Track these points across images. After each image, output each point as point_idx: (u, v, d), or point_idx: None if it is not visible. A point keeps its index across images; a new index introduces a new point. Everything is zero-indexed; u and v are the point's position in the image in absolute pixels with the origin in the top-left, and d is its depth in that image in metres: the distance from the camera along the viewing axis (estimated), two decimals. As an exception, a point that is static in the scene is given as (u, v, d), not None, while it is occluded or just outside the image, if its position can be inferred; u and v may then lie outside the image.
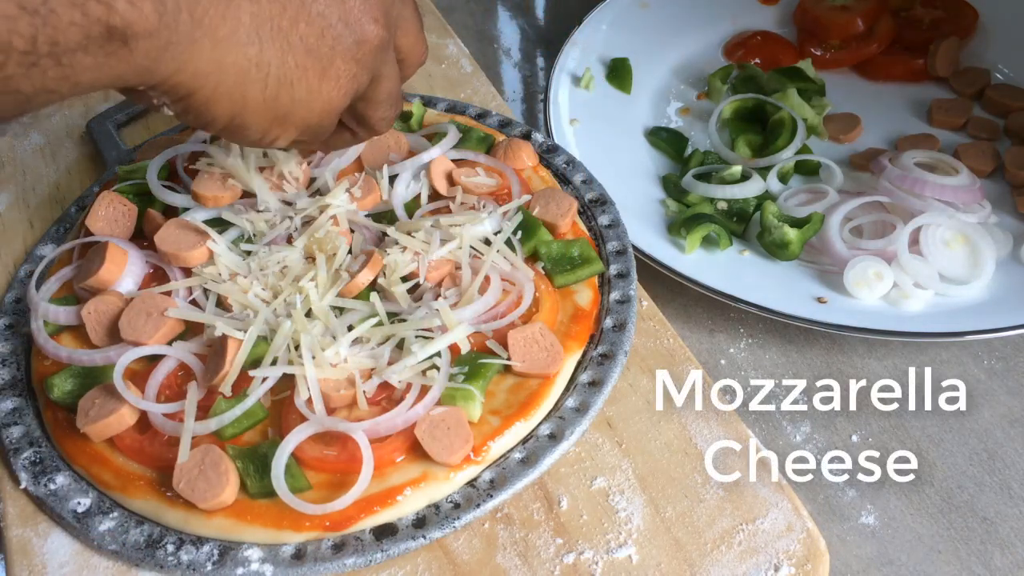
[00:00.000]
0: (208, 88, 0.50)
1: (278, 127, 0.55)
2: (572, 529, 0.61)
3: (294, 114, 0.55)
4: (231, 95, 0.51)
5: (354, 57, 0.55)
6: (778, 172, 0.93)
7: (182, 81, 0.48)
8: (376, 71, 0.58)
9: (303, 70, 0.53)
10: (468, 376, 0.64)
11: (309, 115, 0.55)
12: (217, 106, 0.51)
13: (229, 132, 0.54)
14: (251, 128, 0.54)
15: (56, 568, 0.60)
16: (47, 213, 0.85)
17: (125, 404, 0.62)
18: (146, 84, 0.47)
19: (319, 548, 0.59)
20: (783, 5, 1.17)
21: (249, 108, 0.52)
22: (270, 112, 0.53)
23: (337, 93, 0.55)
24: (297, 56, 0.52)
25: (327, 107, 0.56)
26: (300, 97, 0.54)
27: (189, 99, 0.50)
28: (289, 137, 0.57)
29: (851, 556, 0.70)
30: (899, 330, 0.78)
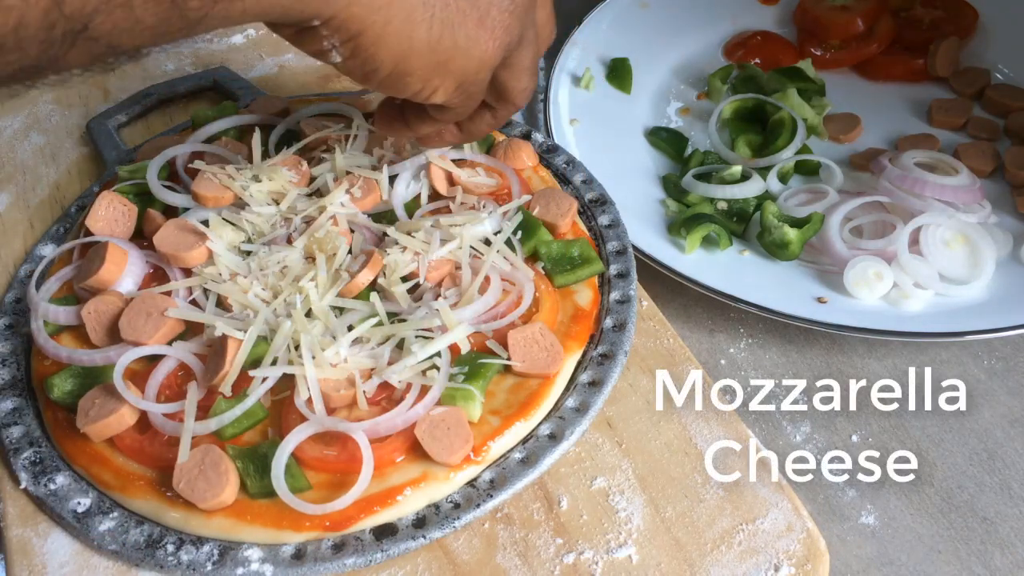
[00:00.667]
0: (379, 24, 0.50)
1: (439, 76, 0.56)
2: (572, 529, 0.61)
3: (454, 61, 0.56)
4: (399, 35, 0.52)
5: (508, 8, 0.57)
6: (778, 172, 0.93)
7: (356, 14, 0.49)
8: (523, 30, 0.59)
9: (463, 14, 0.54)
10: (468, 376, 0.64)
11: (468, 63, 0.56)
12: (385, 47, 0.52)
13: (392, 80, 0.55)
14: (414, 75, 0.55)
15: (56, 568, 0.60)
16: (47, 213, 0.85)
17: (125, 404, 0.62)
18: (321, 16, 0.48)
19: (319, 548, 0.59)
20: (783, 5, 1.17)
21: (415, 51, 0.53)
22: (433, 57, 0.54)
23: (492, 44, 0.57)
24: (459, 1, 0.54)
25: (483, 56, 0.57)
26: (460, 42, 0.55)
27: (359, 38, 0.51)
28: (447, 90, 0.58)
29: (851, 556, 0.70)
30: (899, 330, 0.78)
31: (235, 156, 0.79)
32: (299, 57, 1.01)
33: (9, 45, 0.40)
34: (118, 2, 0.41)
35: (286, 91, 0.98)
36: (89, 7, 0.40)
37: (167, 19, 0.43)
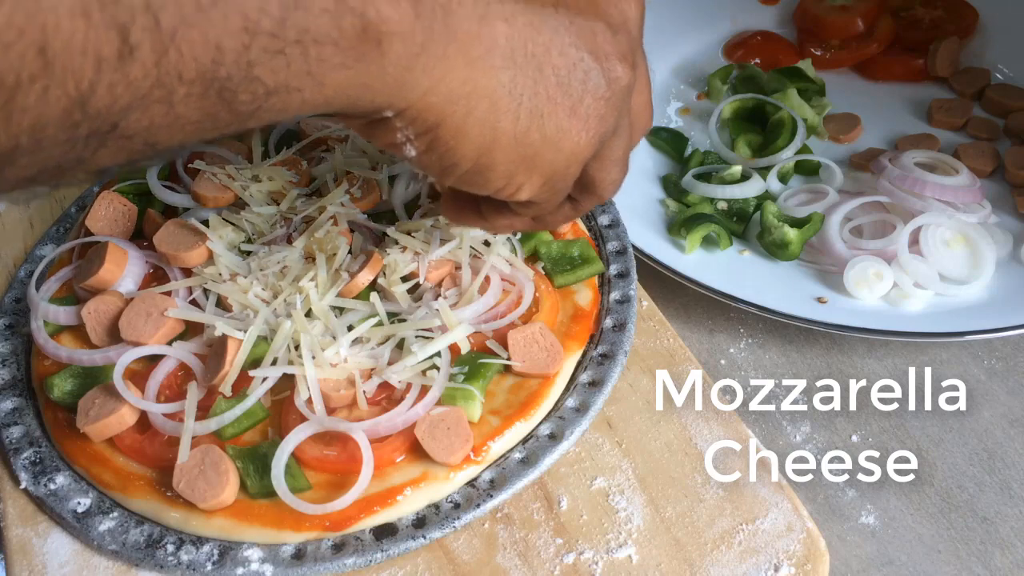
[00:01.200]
0: (459, 115, 0.45)
1: (524, 171, 0.50)
2: (572, 529, 0.61)
3: (542, 156, 0.49)
4: (482, 126, 0.46)
5: (603, 96, 0.49)
6: (778, 172, 0.93)
7: (433, 104, 0.43)
8: (619, 120, 0.52)
9: (554, 103, 0.48)
10: (468, 376, 0.64)
11: (556, 157, 0.50)
12: (466, 140, 0.46)
13: (472, 175, 0.49)
14: (497, 169, 0.49)
15: (56, 568, 0.60)
16: (47, 213, 0.85)
17: (125, 404, 0.62)
18: (394, 106, 0.43)
19: (319, 548, 0.59)
20: (783, 5, 1.17)
21: (499, 144, 0.47)
22: (519, 150, 0.48)
23: (585, 135, 0.50)
24: (549, 88, 0.47)
25: (575, 149, 0.50)
26: (550, 134, 0.48)
27: (438, 130, 0.45)
28: (533, 186, 0.51)
29: (851, 556, 0.70)
30: (899, 330, 0.78)
31: (235, 156, 0.79)
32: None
33: (25, 147, 0.34)
34: (155, 97, 0.35)
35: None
36: (119, 105, 0.34)
37: (213, 114, 0.37)
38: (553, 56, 0.47)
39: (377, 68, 0.40)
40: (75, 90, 0.33)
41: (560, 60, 0.47)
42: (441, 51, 0.42)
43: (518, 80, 0.46)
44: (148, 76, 0.34)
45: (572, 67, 0.48)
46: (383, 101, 0.42)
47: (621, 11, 0.50)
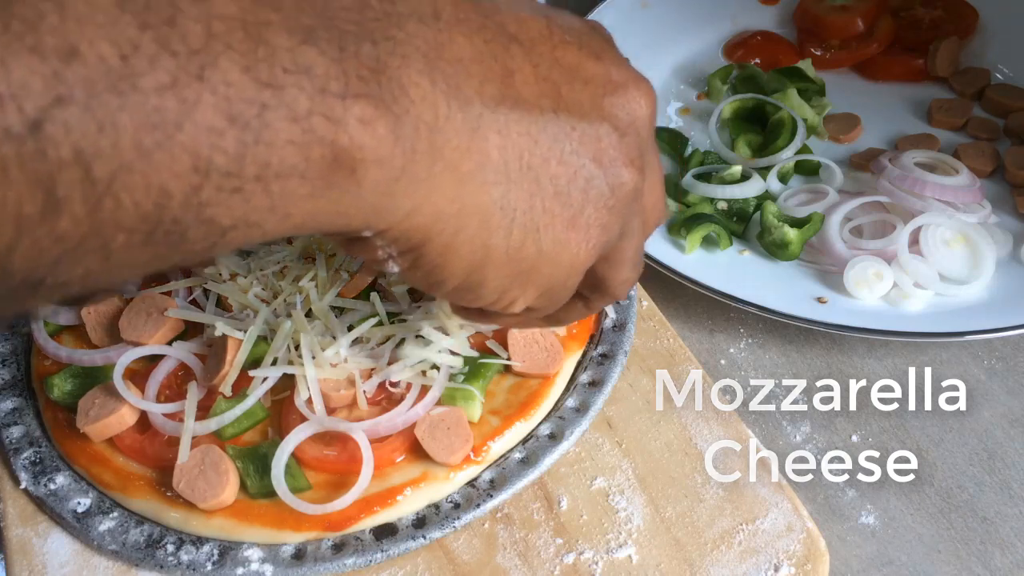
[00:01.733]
0: (447, 234, 0.41)
1: (518, 285, 0.46)
2: (572, 529, 0.61)
3: (538, 269, 0.46)
4: (472, 243, 0.42)
5: (607, 204, 0.46)
6: (778, 172, 0.93)
7: (418, 224, 0.40)
8: (625, 224, 0.48)
9: (551, 216, 0.44)
10: (468, 376, 0.64)
11: (554, 271, 0.46)
12: (455, 259, 0.42)
13: (461, 292, 0.45)
14: (488, 286, 0.45)
15: (56, 568, 0.60)
16: (47, 213, 0.85)
17: (125, 404, 0.62)
18: (373, 228, 0.39)
19: (319, 548, 0.59)
20: (783, 5, 1.17)
21: (491, 260, 0.43)
22: (512, 266, 0.44)
23: (586, 246, 0.46)
24: (546, 199, 0.43)
25: (574, 262, 0.46)
26: (546, 248, 0.45)
27: (423, 249, 0.41)
28: (527, 299, 0.48)
29: (851, 556, 0.70)
30: (899, 330, 0.78)
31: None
32: (299, 57, 1.01)
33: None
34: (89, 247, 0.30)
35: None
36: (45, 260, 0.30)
37: (161, 256, 0.33)
38: (552, 166, 0.43)
39: (352, 196, 0.36)
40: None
41: (560, 169, 0.43)
42: (426, 172, 0.38)
43: (512, 194, 0.42)
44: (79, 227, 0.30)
45: (573, 176, 0.44)
46: (360, 224, 0.38)
47: (629, 112, 0.46)
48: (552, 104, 0.43)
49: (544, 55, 0.43)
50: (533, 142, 0.42)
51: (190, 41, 0.30)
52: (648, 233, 0.54)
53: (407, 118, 0.36)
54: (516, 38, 0.42)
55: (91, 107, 0.28)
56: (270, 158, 0.32)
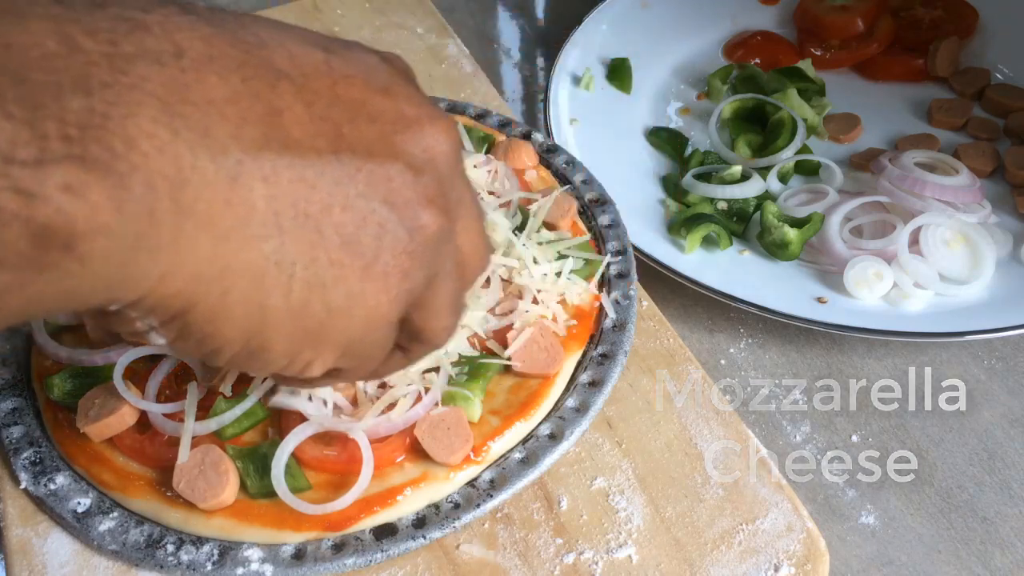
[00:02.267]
0: (213, 298, 0.37)
1: (310, 347, 0.42)
2: (572, 529, 0.61)
3: (330, 328, 0.41)
4: (245, 306, 0.38)
5: (405, 250, 0.41)
6: (778, 172, 0.93)
7: (175, 291, 0.35)
8: (433, 269, 0.44)
9: (340, 268, 0.39)
10: (468, 376, 0.64)
11: (350, 327, 0.42)
12: (227, 324, 0.38)
13: (243, 360, 0.41)
14: (274, 351, 0.41)
15: (56, 568, 0.60)
16: (47, 213, 0.85)
17: (125, 404, 0.62)
18: (120, 301, 0.35)
19: (319, 548, 0.59)
20: (783, 5, 1.17)
21: (271, 323, 0.39)
22: (298, 326, 0.40)
23: (386, 297, 0.42)
24: (331, 251, 0.39)
25: (372, 315, 0.42)
26: (337, 304, 0.40)
27: (187, 316, 0.37)
28: (326, 361, 0.43)
29: (851, 556, 0.70)
30: (899, 330, 0.78)
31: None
32: (299, 57, 1.01)
33: None
34: None
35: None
36: None
37: None
38: (335, 213, 0.39)
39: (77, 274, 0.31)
40: None
41: (345, 216, 0.39)
42: (171, 233, 0.33)
43: (288, 248, 0.38)
44: None
45: (362, 222, 0.39)
46: (101, 299, 0.34)
47: (425, 148, 0.42)
48: (331, 145, 0.38)
49: (321, 92, 0.38)
50: (309, 188, 0.37)
51: None
52: (468, 280, 0.49)
53: (136, 176, 0.31)
54: (286, 74, 0.37)
55: None
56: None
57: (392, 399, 0.61)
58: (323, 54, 0.39)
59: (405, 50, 1.01)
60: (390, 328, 0.44)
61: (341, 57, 0.40)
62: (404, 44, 1.02)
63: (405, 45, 1.02)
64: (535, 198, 0.76)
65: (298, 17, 1.06)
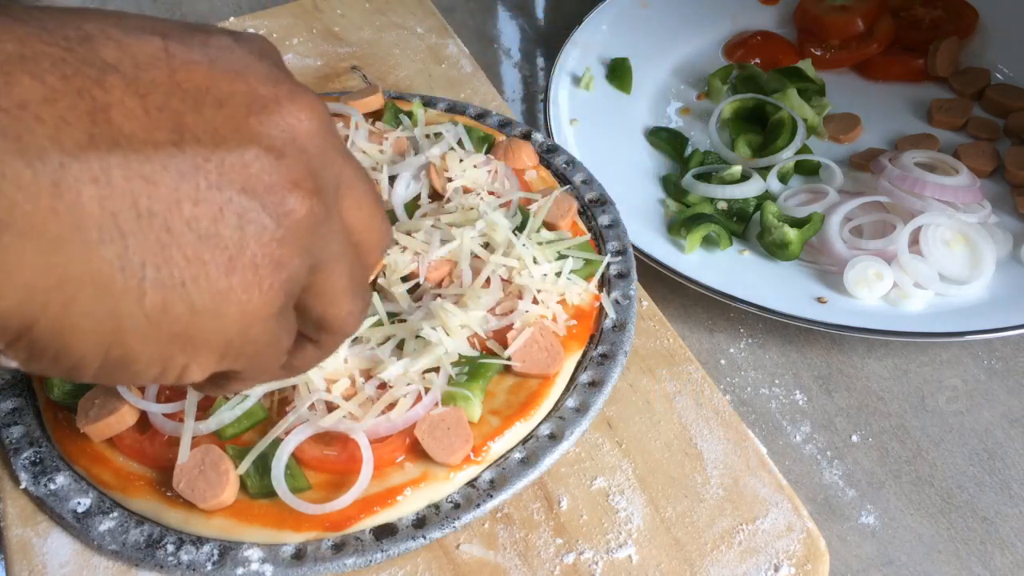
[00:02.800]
0: (54, 311, 0.34)
1: (181, 352, 0.39)
2: (572, 529, 0.61)
3: (199, 328, 0.38)
4: (94, 317, 0.35)
5: (273, 238, 0.39)
6: (778, 172, 0.93)
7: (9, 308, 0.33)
8: (317, 255, 0.42)
9: (200, 265, 0.37)
10: (468, 376, 0.64)
11: (223, 327, 0.39)
12: (77, 337, 0.35)
13: (110, 371, 0.38)
14: (140, 360, 0.38)
15: (56, 568, 0.60)
16: (47, 213, 0.85)
17: (125, 404, 0.62)
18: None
19: (319, 548, 0.59)
20: (783, 5, 1.17)
21: (128, 331, 0.36)
22: (162, 332, 0.37)
23: (259, 291, 0.39)
24: (185, 248, 0.36)
25: (246, 310, 0.39)
26: (202, 303, 0.38)
27: (31, 335, 0.35)
28: (206, 365, 0.40)
29: (851, 556, 0.70)
30: (899, 330, 0.78)
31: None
32: (298, 57, 1.01)
33: None
34: None
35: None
36: None
37: None
38: (186, 208, 0.36)
39: None
40: None
41: (198, 210, 0.37)
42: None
43: (133, 251, 0.35)
44: None
45: (218, 214, 0.37)
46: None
47: (285, 127, 0.39)
48: (172, 137, 0.36)
49: (158, 82, 0.36)
50: (150, 185, 0.35)
51: None
52: (367, 256, 0.46)
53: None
54: (114, 67, 0.35)
55: None
56: None
57: (392, 399, 0.61)
58: (160, 41, 0.37)
59: (405, 50, 1.01)
60: (273, 322, 0.41)
61: (181, 42, 0.38)
62: (404, 44, 1.02)
63: (405, 45, 1.02)
64: (535, 198, 0.76)
65: (298, 17, 1.06)
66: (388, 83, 0.97)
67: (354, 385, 0.63)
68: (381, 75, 0.98)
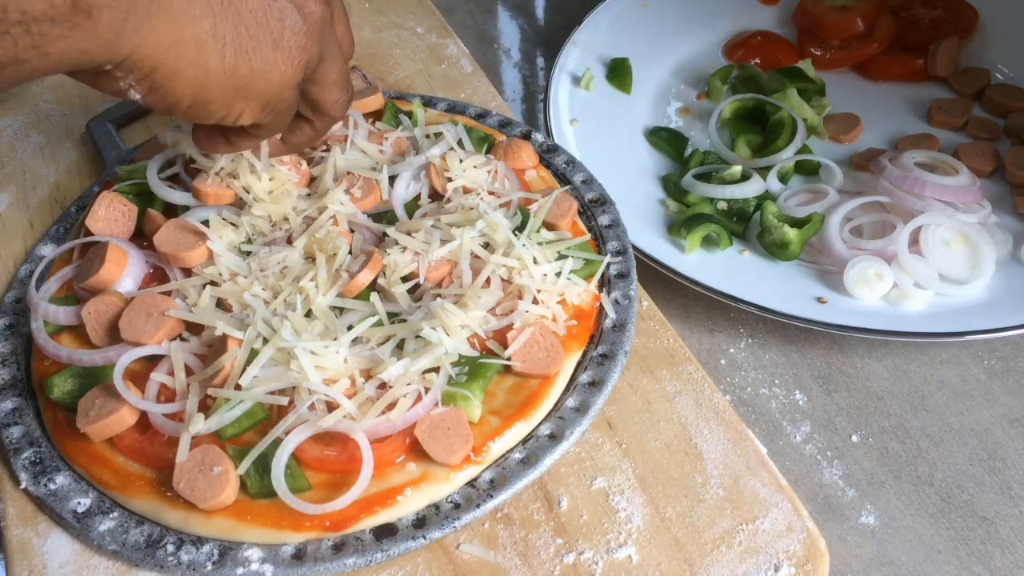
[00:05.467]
0: (171, 61, 0.52)
1: (241, 100, 0.58)
2: (572, 529, 0.61)
3: (254, 85, 0.57)
4: (193, 67, 0.53)
5: (301, 29, 0.58)
6: (778, 172, 0.93)
7: (146, 55, 0.51)
8: (323, 48, 0.61)
9: (256, 41, 0.56)
10: (468, 376, 0.64)
11: (268, 85, 0.58)
12: (181, 80, 0.53)
13: (195, 110, 0.56)
14: (215, 102, 0.56)
15: (56, 568, 0.60)
16: (47, 213, 0.85)
17: (125, 404, 0.62)
18: (112, 61, 0.50)
19: (319, 548, 0.59)
20: (783, 5, 1.17)
21: (212, 80, 0.55)
22: (231, 83, 0.56)
23: (290, 64, 0.58)
24: (249, 28, 0.55)
25: (283, 77, 0.59)
26: (257, 67, 0.57)
27: (154, 75, 0.52)
28: (253, 112, 0.59)
29: (851, 556, 0.70)
30: (899, 330, 0.78)
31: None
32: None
33: None
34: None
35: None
36: None
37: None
38: (248, 1, 0.55)
39: (91, 35, 0.47)
40: None
41: (255, 3, 0.56)
42: (145, 12, 0.49)
43: (219, 25, 0.54)
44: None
45: (268, 8, 0.56)
46: (102, 59, 0.49)
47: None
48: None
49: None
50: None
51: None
52: (346, 57, 0.66)
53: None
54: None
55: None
56: (27, 7, 0.44)
57: (392, 399, 0.61)
58: None
59: (405, 50, 1.01)
60: (294, 91, 0.61)
61: None
62: (404, 44, 1.02)
63: (405, 45, 1.02)
64: (535, 198, 0.76)
65: (298, 17, 1.06)
66: (388, 83, 0.97)
67: (354, 385, 0.63)
68: (381, 75, 0.98)
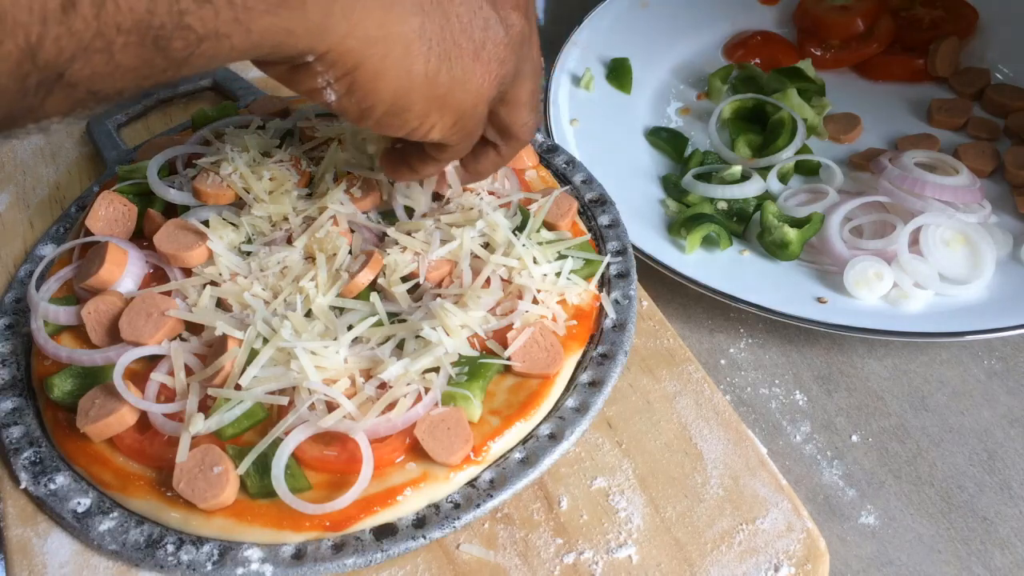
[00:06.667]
0: (376, 58, 0.48)
1: (436, 110, 0.54)
2: (572, 529, 0.61)
3: (451, 95, 0.54)
4: (397, 68, 0.49)
5: (502, 42, 0.55)
6: (778, 172, 0.93)
7: (352, 47, 0.47)
8: (519, 65, 0.58)
9: (459, 47, 0.52)
10: (468, 376, 0.64)
11: (464, 97, 0.54)
12: (383, 81, 0.50)
13: (388, 119, 0.53)
14: (412, 110, 0.53)
15: (56, 568, 0.60)
16: (47, 213, 0.85)
17: (125, 404, 0.62)
18: (315, 50, 0.46)
19: (319, 548, 0.59)
20: (783, 5, 1.17)
21: (414, 85, 0.51)
22: (431, 90, 0.52)
23: (487, 77, 0.55)
24: (455, 33, 0.52)
25: (479, 89, 0.55)
26: (457, 75, 0.53)
27: (356, 73, 0.48)
28: (444, 127, 0.56)
29: (851, 556, 0.70)
30: (899, 330, 0.78)
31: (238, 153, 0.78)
32: (299, 57, 1.01)
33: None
34: (97, 47, 0.38)
35: (286, 91, 0.98)
36: (65, 55, 0.37)
37: (150, 61, 0.40)
38: (456, 5, 0.52)
39: (299, 13, 0.43)
40: (25, 43, 0.36)
41: (462, 8, 0.52)
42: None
43: (427, 26, 0.50)
44: (89, 28, 0.37)
45: (473, 15, 0.53)
46: (305, 45, 0.45)
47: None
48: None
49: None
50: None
51: None
52: (537, 79, 0.62)
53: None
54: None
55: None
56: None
57: (392, 399, 0.61)
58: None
59: (405, 50, 1.01)
60: (486, 107, 0.57)
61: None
62: (404, 44, 1.02)
63: (405, 45, 1.02)
64: (535, 198, 0.76)
65: (298, 17, 1.06)
66: (388, 83, 0.97)
67: (354, 385, 0.63)
68: (381, 75, 0.98)
